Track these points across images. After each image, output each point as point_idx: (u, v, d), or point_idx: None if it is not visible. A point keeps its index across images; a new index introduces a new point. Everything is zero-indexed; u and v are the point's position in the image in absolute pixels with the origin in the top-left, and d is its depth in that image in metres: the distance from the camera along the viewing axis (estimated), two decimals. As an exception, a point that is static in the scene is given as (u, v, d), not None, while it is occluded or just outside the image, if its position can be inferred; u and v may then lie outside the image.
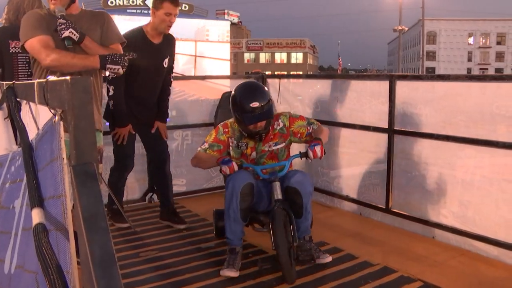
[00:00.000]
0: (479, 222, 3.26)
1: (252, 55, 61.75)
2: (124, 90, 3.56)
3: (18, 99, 1.53)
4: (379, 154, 3.98)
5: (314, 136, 3.12)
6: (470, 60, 61.40)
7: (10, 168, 1.46)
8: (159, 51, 3.65)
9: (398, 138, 3.80)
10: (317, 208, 3.04)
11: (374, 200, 4.05)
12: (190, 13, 22.67)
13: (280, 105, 4.88)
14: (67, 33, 2.75)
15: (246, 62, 60.58)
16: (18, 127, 1.38)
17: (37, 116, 1.34)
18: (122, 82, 3.47)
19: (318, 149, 2.93)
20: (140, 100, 3.68)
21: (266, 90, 3.16)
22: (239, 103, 3.03)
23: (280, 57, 61.62)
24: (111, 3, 22.61)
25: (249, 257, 3.18)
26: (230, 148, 3.22)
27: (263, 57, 61.45)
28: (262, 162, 3.19)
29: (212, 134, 3.25)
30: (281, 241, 2.77)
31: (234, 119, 3.15)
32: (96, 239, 0.83)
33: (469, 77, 4.27)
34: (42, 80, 1.15)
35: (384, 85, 3.83)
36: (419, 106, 3.66)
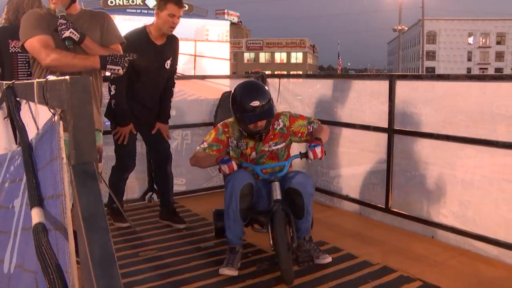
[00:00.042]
0: (479, 222, 3.26)
1: (252, 54, 61.74)
2: (126, 90, 3.55)
3: (18, 99, 1.53)
4: (379, 153, 3.98)
5: (314, 136, 3.11)
6: (470, 60, 61.40)
7: (10, 168, 1.46)
8: (161, 53, 3.64)
9: (398, 138, 3.79)
10: (316, 207, 3.04)
11: (374, 199, 4.05)
12: (190, 12, 22.66)
13: (280, 105, 4.88)
14: (67, 33, 2.74)
15: (246, 61, 60.58)
16: (17, 127, 1.38)
17: (36, 116, 1.34)
18: (124, 81, 3.47)
19: (319, 150, 2.91)
20: (141, 100, 3.66)
21: (267, 89, 3.13)
22: (240, 102, 3.02)
23: (280, 56, 61.60)
24: (111, 3, 22.61)
25: (248, 256, 3.18)
26: (230, 148, 3.20)
27: (263, 56, 61.44)
28: (262, 162, 3.17)
29: (211, 134, 3.22)
30: (280, 241, 2.75)
31: (234, 119, 3.13)
32: (95, 239, 0.83)
33: (469, 76, 4.28)
34: (41, 80, 1.15)
35: (384, 84, 3.82)
36: (419, 105, 3.65)
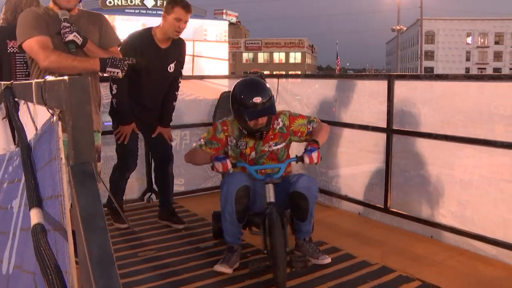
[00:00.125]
0: (478, 222, 3.26)
1: (251, 54, 61.75)
2: (127, 90, 3.53)
3: (16, 99, 1.53)
4: (378, 153, 3.98)
5: (312, 137, 3.08)
6: (468, 59, 61.46)
7: (8, 168, 1.46)
8: (165, 56, 3.59)
9: (396, 138, 3.80)
10: (315, 207, 3.04)
11: (372, 199, 4.05)
12: (189, 13, 22.60)
13: (278, 105, 4.87)
14: (71, 36, 2.74)
15: (244, 62, 60.60)
16: (16, 127, 1.38)
17: (35, 116, 1.34)
18: (125, 81, 3.43)
19: (315, 155, 2.88)
20: (142, 101, 3.64)
21: (268, 87, 3.08)
22: (241, 98, 2.96)
23: (278, 56, 61.61)
24: (109, 3, 22.59)
25: (247, 256, 3.18)
26: (229, 147, 3.16)
27: (262, 57, 61.45)
28: (262, 162, 3.13)
29: (209, 131, 3.18)
30: (277, 244, 2.68)
31: (234, 116, 3.08)
32: (94, 239, 0.83)
33: (467, 76, 4.29)
34: (40, 80, 1.15)
35: (383, 84, 3.82)
36: (418, 105, 3.66)
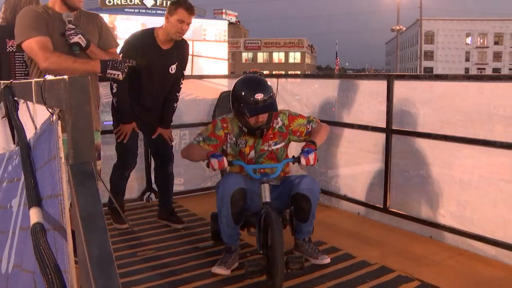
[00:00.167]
0: (477, 222, 3.26)
1: (250, 54, 61.75)
2: (127, 89, 3.51)
3: (16, 98, 1.53)
4: (377, 153, 3.98)
5: (310, 138, 3.07)
6: (467, 60, 61.47)
7: (8, 167, 1.46)
8: (166, 57, 3.57)
9: (396, 138, 3.80)
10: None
11: (372, 199, 4.05)
12: (188, 12, 22.57)
13: (278, 105, 4.86)
14: (76, 38, 2.75)
15: (244, 61, 60.60)
16: (15, 126, 1.38)
17: (34, 115, 1.34)
18: (126, 80, 3.42)
19: (312, 157, 2.88)
20: (142, 100, 3.61)
21: (269, 84, 3.08)
22: (243, 95, 2.95)
23: (278, 56, 61.61)
24: (109, 2, 22.56)
25: (246, 256, 3.18)
26: (228, 144, 3.13)
27: (261, 56, 61.45)
28: (261, 162, 3.12)
29: (208, 128, 3.15)
30: (278, 243, 2.65)
31: (234, 114, 3.06)
32: (93, 239, 0.83)
33: (466, 77, 4.29)
34: (39, 79, 1.15)
35: (382, 84, 3.82)
36: (417, 106, 3.66)
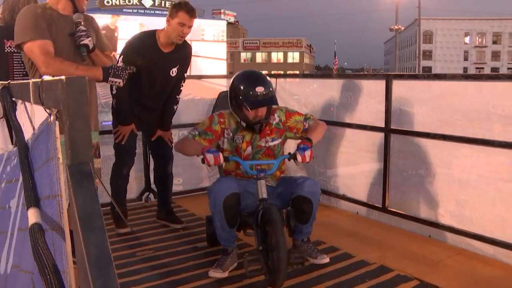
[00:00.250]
0: (476, 221, 3.26)
1: (249, 54, 61.71)
2: (127, 91, 3.49)
3: (14, 99, 1.52)
4: (376, 153, 3.98)
5: (307, 135, 3.07)
6: (466, 59, 61.50)
7: (6, 168, 1.46)
8: (167, 60, 3.54)
9: (394, 137, 3.80)
10: (314, 207, 3.05)
11: (370, 199, 4.05)
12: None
13: (276, 104, 4.87)
14: (86, 41, 2.80)
15: (242, 61, 60.56)
16: (13, 127, 1.38)
17: (32, 116, 1.34)
18: (126, 81, 3.42)
19: (308, 154, 2.87)
20: (142, 101, 3.60)
21: (269, 79, 3.06)
22: (243, 88, 2.93)
23: (276, 56, 61.59)
24: (107, 3, 22.50)
25: (243, 257, 3.17)
26: (225, 140, 3.09)
27: (260, 56, 61.42)
28: (258, 158, 3.10)
29: (205, 122, 3.11)
30: (281, 240, 2.62)
31: (232, 108, 3.03)
32: (92, 239, 0.83)
33: (465, 76, 4.30)
34: (37, 80, 1.15)
35: (381, 84, 3.82)
36: (416, 105, 3.66)
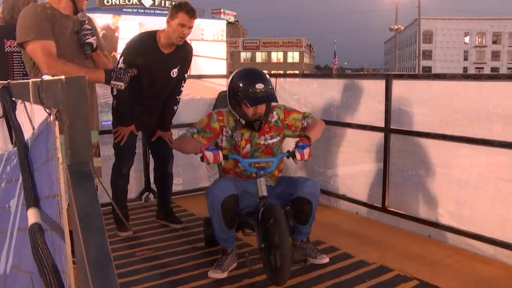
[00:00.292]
0: (475, 221, 3.27)
1: (249, 54, 61.70)
2: (128, 91, 3.49)
3: (13, 99, 1.52)
4: (376, 153, 3.99)
5: (305, 133, 3.07)
6: (466, 59, 61.50)
7: (6, 168, 1.46)
8: (168, 61, 3.52)
9: (394, 137, 3.80)
10: (314, 207, 3.05)
11: (370, 199, 4.05)
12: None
13: (276, 104, 4.87)
14: (91, 39, 2.82)
15: (242, 61, 60.55)
16: (13, 127, 1.38)
17: (32, 116, 1.34)
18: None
19: (306, 152, 2.88)
20: (143, 102, 3.58)
21: (268, 77, 3.06)
22: (243, 85, 2.93)
23: (276, 56, 61.60)
24: (107, 2, 22.49)
25: (244, 256, 3.17)
26: (223, 138, 3.08)
27: (260, 56, 61.42)
28: (256, 156, 3.09)
29: (203, 120, 3.09)
30: (285, 237, 2.59)
31: (232, 106, 3.02)
32: (91, 239, 0.83)
33: (465, 76, 4.30)
34: (37, 80, 1.15)
35: (381, 84, 3.82)
36: (416, 105, 3.66)
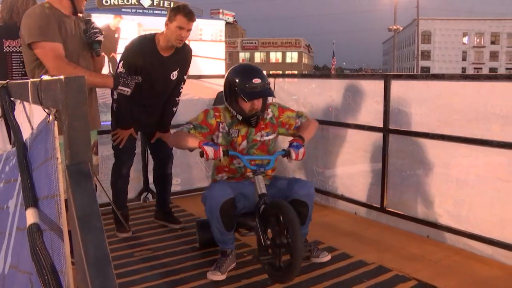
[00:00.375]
0: (474, 221, 3.27)
1: (247, 54, 61.69)
2: (128, 96, 3.48)
3: (12, 99, 1.52)
4: (374, 153, 3.99)
5: (299, 132, 3.09)
6: (464, 59, 61.60)
7: (5, 168, 1.46)
8: (167, 64, 3.51)
9: (393, 138, 3.80)
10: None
11: (369, 199, 4.06)
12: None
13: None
14: (101, 37, 2.89)
15: (241, 61, 60.49)
16: (12, 127, 1.38)
17: (31, 116, 1.34)
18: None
19: (301, 152, 2.92)
20: (142, 103, 3.57)
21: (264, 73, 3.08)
22: (240, 80, 2.94)
23: (275, 56, 61.60)
24: (106, 2, 22.43)
25: (244, 256, 3.18)
26: (220, 134, 3.07)
27: (258, 56, 61.41)
28: (252, 153, 3.09)
29: (199, 116, 3.09)
30: (296, 224, 2.56)
31: (228, 102, 3.02)
32: (90, 239, 0.83)
33: (463, 76, 4.30)
34: (36, 80, 1.14)
35: (379, 84, 3.83)
36: (414, 105, 3.66)
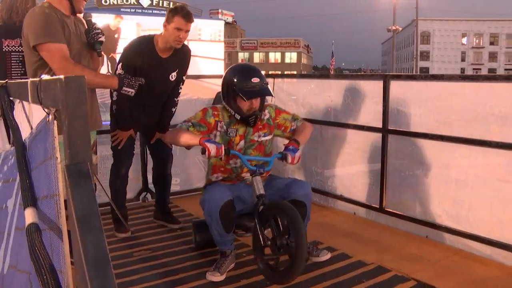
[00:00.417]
0: (473, 222, 3.27)
1: (246, 54, 61.70)
2: (128, 97, 3.47)
3: (11, 98, 1.52)
4: (373, 153, 3.99)
5: (294, 136, 3.12)
6: (463, 60, 61.67)
7: (3, 167, 1.46)
8: (166, 65, 3.51)
9: (392, 138, 3.80)
10: (311, 207, 3.05)
11: (368, 199, 4.06)
12: (184, 12, 22.47)
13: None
14: (103, 38, 2.91)
15: (240, 61, 60.49)
16: (11, 126, 1.38)
17: (30, 115, 1.34)
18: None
19: (297, 156, 2.98)
20: (142, 104, 3.57)
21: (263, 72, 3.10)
22: (238, 79, 2.95)
23: (274, 56, 61.62)
24: (105, 2, 22.40)
25: (243, 256, 3.18)
26: (217, 133, 3.08)
27: (257, 56, 61.42)
28: (249, 153, 3.10)
29: (198, 115, 3.10)
30: (302, 228, 2.58)
31: (226, 101, 3.03)
32: (89, 239, 0.83)
33: (462, 77, 4.29)
34: (35, 79, 1.14)
35: (378, 85, 3.83)
36: (413, 106, 3.66)
